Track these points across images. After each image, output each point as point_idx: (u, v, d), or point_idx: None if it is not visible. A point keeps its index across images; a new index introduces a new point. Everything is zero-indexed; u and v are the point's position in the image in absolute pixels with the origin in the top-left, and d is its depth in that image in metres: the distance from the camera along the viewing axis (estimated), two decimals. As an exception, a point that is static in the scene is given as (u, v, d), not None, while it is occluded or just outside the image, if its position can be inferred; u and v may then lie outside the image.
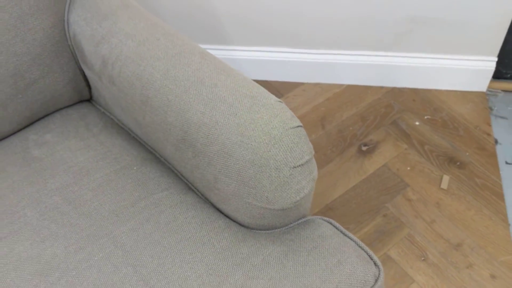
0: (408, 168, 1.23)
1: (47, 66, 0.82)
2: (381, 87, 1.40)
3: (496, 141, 1.28)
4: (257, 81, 1.29)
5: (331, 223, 0.68)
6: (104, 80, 0.80)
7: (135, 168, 0.76)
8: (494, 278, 1.05)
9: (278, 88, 1.41)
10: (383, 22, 1.25)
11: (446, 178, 1.20)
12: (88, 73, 0.85)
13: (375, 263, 0.64)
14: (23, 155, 0.80)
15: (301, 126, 0.64)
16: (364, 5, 1.21)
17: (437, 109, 1.34)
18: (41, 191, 0.74)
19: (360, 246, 0.66)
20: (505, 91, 1.38)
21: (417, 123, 1.32)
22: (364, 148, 1.28)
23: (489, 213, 1.14)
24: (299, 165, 0.62)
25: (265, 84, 1.39)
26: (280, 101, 0.65)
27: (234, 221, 0.69)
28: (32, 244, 0.67)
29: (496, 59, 1.29)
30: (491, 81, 1.37)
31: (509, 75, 1.38)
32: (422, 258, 1.08)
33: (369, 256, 0.65)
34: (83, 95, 0.92)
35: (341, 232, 0.67)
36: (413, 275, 1.06)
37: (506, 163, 1.24)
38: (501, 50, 1.30)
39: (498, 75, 1.38)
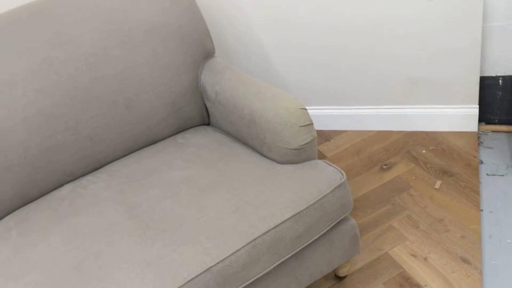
0: (413, 177, 1.79)
1: (187, 100, 1.60)
2: (401, 131, 2.00)
3: (481, 162, 1.80)
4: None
5: (324, 162, 1.32)
6: (216, 104, 1.55)
7: (228, 143, 1.47)
8: (463, 238, 1.54)
9: (328, 134, 2.07)
10: (392, 82, 1.90)
11: (438, 182, 1.74)
12: (208, 104, 1.61)
13: (341, 173, 1.26)
14: (174, 143, 1.55)
15: (305, 108, 1.31)
16: (376, 70, 1.88)
17: (439, 143, 1.90)
18: (184, 154, 1.46)
19: (336, 168, 1.28)
20: (493, 131, 1.91)
21: (424, 151, 1.88)
22: (384, 167, 1.86)
23: (467, 202, 1.65)
24: (303, 126, 1.29)
25: (320, 132, 2.08)
26: (295, 98, 1.34)
27: (274, 161, 1.35)
28: (178, 171, 1.38)
29: (477, 106, 1.86)
30: (483, 125, 1.92)
31: (496, 121, 1.91)
32: (415, 227, 1.61)
33: (339, 171, 1.27)
34: (205, 120, 1.68)
35: (327, 163, 1.30)
36: (407, 236, 1.58)
37: (487, 174, 1.74)
38: (485, 103, 1.87)
39: (488, 121, 1.92)
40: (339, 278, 1.50)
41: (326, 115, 2.07)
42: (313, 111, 2.08)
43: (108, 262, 1.14)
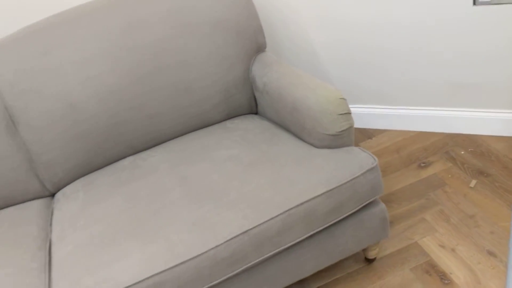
0: (449, 176, 1.86)
1: (239, 89, 1.75)
2: (442, 133, 2.07)
3: (518, 165, 1.84)
4: (357, 129, 2.12)
5: (359, 148, 1.43)
6: (264, 94, 1.69)
7: (272, 129, 1.61)
8: (492, 233, 1.60)
9: (371, 132, 2.17)
10: (434, 84, 1.98)
11: (474, 181, 1.80)
12: (257, 94, 1.76)
13: (374, 159, 1.37)
14: (223, 127, 1.71)
15: (344, 99, 1.43)
16: (419, 72, 1.97)
17: (479, 145, 1.96)
18: (231, 136, 1.62)
19: (369, 154, 1.39)
20: (534, 137, 1.95)
21: (462, 152, 1.95)
22: (422, 165, 1.94)
23: (500, 201, 1.70)
24: (341, 114, 1.41)
25: (362, 130, 2.18)
26: (337, 89, 1.46)
27: (312, 145, 1.48)
28: (226, 150, 1.54)
29: (518, 111, 1.91)
30: (524, 131, 1.96)
31: (537, 127, 1.95)
32: (446, 221, 1.68)
33: (372, 157, 1.38)
34: (253, 110, 1.83)
35: (361, 149, 1.41)
36: (438, 228, 1.66)
37: (523, 177, 1.79)
38: (528, 109, 1.92)
39: (530, 127, 1.96)
40: (368, 261, 1.60)
41: (369, 114, 2.17)
42: (357, 109, 2.19)
43: (160, 220, 1.30)
